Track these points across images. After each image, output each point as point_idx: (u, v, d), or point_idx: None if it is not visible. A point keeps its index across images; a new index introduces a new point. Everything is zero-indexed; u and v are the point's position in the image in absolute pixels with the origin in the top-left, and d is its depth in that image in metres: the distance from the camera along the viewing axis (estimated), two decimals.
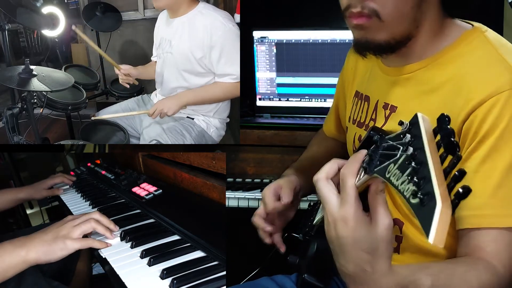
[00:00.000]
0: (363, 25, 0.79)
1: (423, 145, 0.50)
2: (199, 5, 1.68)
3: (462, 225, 0.75)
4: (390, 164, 0.53)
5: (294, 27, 1.73)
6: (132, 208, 1.37)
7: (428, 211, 0.44)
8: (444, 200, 0.44)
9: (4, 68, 1.89)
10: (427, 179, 0.46)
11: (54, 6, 2.12)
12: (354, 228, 0.60)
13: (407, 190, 0.48)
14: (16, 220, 2.14)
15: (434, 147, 0.50)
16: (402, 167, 0.50)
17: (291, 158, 1.56)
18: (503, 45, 0.80)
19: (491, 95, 0.73)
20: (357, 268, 0.61)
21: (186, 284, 0.85)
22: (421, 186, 0.46)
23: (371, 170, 0.57)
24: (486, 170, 0.73)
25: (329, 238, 0.65)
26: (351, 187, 0.61)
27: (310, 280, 0.88)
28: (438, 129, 0.52)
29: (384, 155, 0.55)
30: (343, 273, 0.64)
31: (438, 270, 0.69)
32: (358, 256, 0.61)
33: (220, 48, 1.60)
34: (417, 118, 0.54)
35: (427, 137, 0.51)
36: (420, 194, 0.46)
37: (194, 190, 1.32)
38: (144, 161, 1.68)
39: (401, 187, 0.49)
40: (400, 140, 0.54)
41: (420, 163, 0.48)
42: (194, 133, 1.72)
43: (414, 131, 0.53)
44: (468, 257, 0.73)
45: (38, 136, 1.75)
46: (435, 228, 0.43)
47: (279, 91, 1.80)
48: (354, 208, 0.61)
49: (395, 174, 0.51)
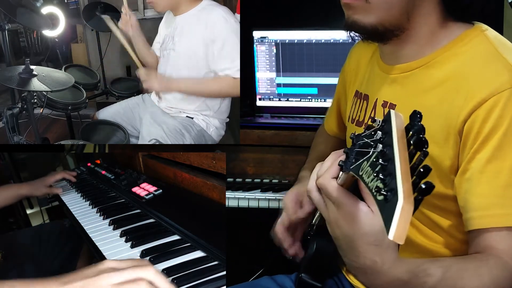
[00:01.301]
0: (350, 4, 0.80)
1: (392, 142, 0.50)
2: (203, 1, 1.68)
3: (471, 226, 0.75)
4: (364, 161, 0.53)
5: (294, 27, 1.73)
6: (132, 208, 1.37)
7: (390, 207, 0.44)
8: (406, 197, 0.44)
9: (4, 68, 1.89)
10: (393, 175, 0.46)
11: (54, 6, 2.13)
12: (358, 223, 0.61)
13: (374, 187, 0.48)
14: (16, 220, 2.15)
15: (403, 144, 0.50)
16: (372, 164, 0.51)
17: (291, 158, 1.56)
18: (503, 44, 0.80)
19: (492, 95, 0.73)
20: (367, 261, 0.62)
21: (186, 284, 0.85)
22: (387, 183, 0.46)
23: (347, 168, 0.57)
24: (492, 170, 0.73)
25: (334, 236, 0.66)
26: (335, 191, 0.62)
27: (307, 279, 0.88)
28: (409, 126, 0.52)
29: (359, 152, 0.56)
30: (353, 267, 0.65)
31: (449, 263, 0.69)
32: (367, 249, 0.61)
33: (221, 41, 1.60)
34: (390, 115, 0.54)
35: (397, 134, 0.51)
36: (384, 191, 0.46)
37: (194, 190, 1.32)
38: (144, 161, 1.68)
39: (370, 184, 0.49)
40: (372, 137, 0.55)
41: (388, 160, 0.48)
42: (193, 132, 1.72)
43: (385, 128, 0.53)
44: (479, 254, 0.73)
45: (38, 136, 1.75)
46: (395, 224, 0.43)
47: (279, 91, 1.80)
48: (350, 206, 0.61)
49: (367, 171, 0.51)
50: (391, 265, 0.62)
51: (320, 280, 0.91)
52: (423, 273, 0.66)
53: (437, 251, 0.85)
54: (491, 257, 0.71)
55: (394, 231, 0.43)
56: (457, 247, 0.83)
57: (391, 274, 0.63)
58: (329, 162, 0.65)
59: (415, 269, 0.65)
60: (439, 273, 0.67)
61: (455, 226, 0.82)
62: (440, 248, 0.85)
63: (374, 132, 0.55)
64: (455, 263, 0.70)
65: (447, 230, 0.83)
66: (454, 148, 0.77)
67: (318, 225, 0.98)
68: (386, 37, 0.83)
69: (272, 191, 1.50)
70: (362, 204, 0.61)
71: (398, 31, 0.82)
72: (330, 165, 0.65)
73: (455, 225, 0.82)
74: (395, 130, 0.51)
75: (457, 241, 0.83)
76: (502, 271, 0.70)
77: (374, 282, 0.64)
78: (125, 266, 0.66)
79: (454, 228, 0.82)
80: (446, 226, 0.83)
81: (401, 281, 0.64)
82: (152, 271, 0.66)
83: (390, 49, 0.88)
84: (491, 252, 0.72)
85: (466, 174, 0.75)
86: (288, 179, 1.55)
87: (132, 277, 0.64)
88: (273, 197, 1.46)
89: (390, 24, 0.80)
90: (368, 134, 0.57)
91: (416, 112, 0.52)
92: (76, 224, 1.33)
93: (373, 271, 0.62)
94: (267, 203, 1.47)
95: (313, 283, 0.88)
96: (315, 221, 0.98)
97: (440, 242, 0.85)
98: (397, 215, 0.43)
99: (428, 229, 0.85)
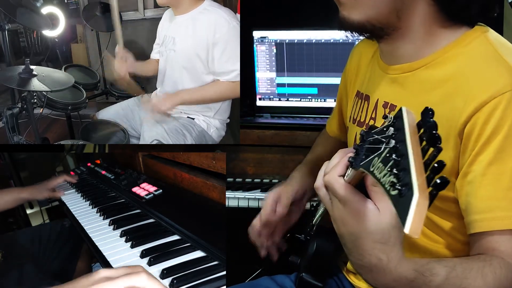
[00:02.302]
0: (339, 0, 0.82)
1: (405, 137, 0.50)
2: (205, 2, 1.68)
3: (473, 229, 0.75)
4: (375, 157, 0.53)
5: (294, 27, 1.73)
6: (132, 208, 1.37)
7: (405, 202, 0.44)
8: (421, 191, 0.44)
9: (4, 68, 1.89)
10: (407, 170, 0.46)
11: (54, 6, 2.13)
12: (364, 221, 0.61)
13: (387, 183, 0.48)
14: (16, 220, 2.14)
15: (416, 140, 0.50)
16: (385, 160, 0.50)
17: (291, 158, 1.56)
18: (503, 46, 0.80)
19: (493, 97, 0.73)
20: (372, 259, 0.62)
21: (186, 284, 0.85)
22: (401, 178, 0.46)
23: (357, 165, 0.57)
24: (494, 172, 0.73)
25: (339, 234, 0.65)
26: (342, 189, 0.62)
27: (308, 279, 0.88)
28: (421, 123, 0.52)
29: (370, 149, 0.56)
30: (358, 265, 0.65)
31: (454, 263, 0.69)
32: (373, 247, 0.61)
33: (223, 45, 1.60)
34: (401, 112, 0.54)
35: (409, 130, 0.51)
36: (399, 186, 0.46)
37: (194, 190, 1.32)
38: (144, 161, 1.68)
39: (382, 179, 0.49)
40: (384, 133, 0.55)
41: (401, 155, 0.48)
42: (194, 133, 1.72)
43: (397, 124, 0.53)
44: (483, 255, 0.73)
45: (38, 136, 1.75)
46: (411, 218, 0.43)
47: (279, 91, 1.80)
48: (357, 204, 0.61)
49: (379, 167, 0.51)
50: (397, 264, 0.62)
51: (321, 279, 0.91)
52: (428, 272, 0.65)
53: (438, 251, 0.85)
54: (494, 258, 0.71)
55: (410, 225, 0.43)
56: (458, 248, 0.83)
57: (396, 272, 0.62)
58: (336, 159, 0.65)
59: (421, 268, 0.65)
60: (444, 272, 0.66)
61: (455, 228, 0.82)
62: (441, 249, 0.85)
63: (386, 128, 0.55)
64: (459, 263, 0.70)
65: (448, 231, 0.83)
66: (455, 150, 0.77)
67: (318, 225, 0.98)
68: (377, 34, 0.83)
69: None
70: (368, 202, 0.61)
71: (389, 29, 0.82)
72: (337, 162, 0.64)
73: (455, 227, 0.82)
74: (407, 126, 0.51)
75: (458, 242, 0.83)
76: (506, 272, 0.70)
77: (379, 281, 0.64)
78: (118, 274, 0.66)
79: (455, 230, 0.82)
80: (447, 227, 0.83)
81: (406, 280, 0.64)
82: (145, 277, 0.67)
83: (387, 48, 0.88)
84: (494, 253, 0.72)
85: (468, 177, 0.75)
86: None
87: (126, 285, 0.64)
88: None
89: (378, 21, 0.81)
90: (378, 130, 0.56)
91: (428, 108, 0.52)
92: (76, 224, 1.33)
93: (379, 269, 0.62)
94: None
95: (314, 283, 0.88)
96: (315, 221, 0.99)
97: (441, 243, 0.85)
98: (412, 209, 0.43)
99: (429, 230, 0.85)
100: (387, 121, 0.56)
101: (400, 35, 0.83)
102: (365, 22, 0.81)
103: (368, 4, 0.79)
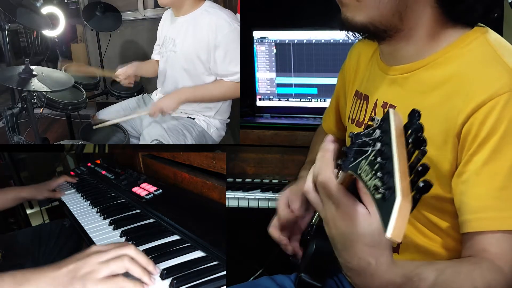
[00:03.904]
0: (342, 1, 0.82)
1: (391, 140, 0.49)
2: (205, 3, 1.67)
3: (466, 228, 0.75)
4: (362, 160, 0.52)
5: (294, 27, 1.73)
6: (132, 208, 1.37)
7: (388, 206, 0.44)
8: (404, 195, 0.43)
9: (4, 68, 1.89)
10: (390, 174, 0.46)
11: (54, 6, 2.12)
12: (355, 224, 0.60)
13: (372, 186, 0.47)
14: (16, 220, 2.14)
15: (402, 142, 0.50)
16: (371, 163, 0.50)
17: (291, 158, 1.57)
18: (503, 47, 0.80)
19: (491, 98, 0.73)
20: (361, 262, 0.61)
21: (186, 284, 0.85)
22: (385, 181, 0.46)
23: (346, 167, 0.56)
24: (488, 172, 0.73)
25: (330, 236, 0.65)
26: (336, 190, 0.61)
27: (307, 279, 0.88)
28: (408, 125, 0.52)
29: (358, 151, 0.55)
30: (347, 268, 0.64)
31: (443, 266, 0.69)
32: (362, 250, 0.61)
33: (225, 47, 1.60)
34: (388, 114, 0.54)
35: (396, 133, 0.50)
36: (382, 189, 0.46)
37: (194, 190, 1.31)
38: (144, 161, 1.68)
39: (368, 183, 0.49)
40: (371, 136, 0.54)
41: (386, 158, 0.48)
42: (195, 133, 1.72)
43: (384, 126, 0.53)
44: (473, 257, 0.73)
45: (38, 136, 1.75)
46: (393, 222, 0.43)
47: (279, 91, 1.80)
48: (349, 207, 0.61)
49: (365, 170, 0.50)
50: (386, 268, 0.62)
51: (320, 280, 0.90)
52: (417, 277, 0.65)
53: (436, 250, 0.85)
54: (484, 260, 0.71)
55: (392, 229, 0.43)
56: (455, 247, 0.83)
57: (385, 277, 0.62)
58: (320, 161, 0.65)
59: (409, 273, 0.65)
60: (433, 276, 0.66)
61: (453, 227, 0.82)
62: (439, 247, 0.85)
63: (373, 130, 0.55)
64: (449, 267, 0.70)
65: (446, 230, 0.83)
66: (453, 152, 0.77)
67: (318, 225, 0.98)
68: (379, 36, 0.83)
69: (272, 191, 1.50)
70: (360, 206, 0.60)
71: (391, 31, 0.82)
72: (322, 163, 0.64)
73: (453, 226, 0.82)
74: (393, 129, 0.51)
75: (456, 241, 0.83)
76: (495, 275, 0.70)
77: (368, 285, 0.63)
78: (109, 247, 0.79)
79: (452, 229, 0.82)
80: (444, 227, 0.83)
81: (394, 285, 0.63)
82: (133, 249, 0.80)
83: (388, 49, 0.88)
84: (485, 255, 0.72)
85: (463, 176, 0.75)
86: (288, 179, 1.55)
87: (117, 254, 0.77)
88: (273, 197, 1.46)
89: (381, 23, 0.81)
90: (367, 133, 0.56)
91: (415, 110, 0.52)
92: (76, 224, 1.33)
93: (367, 273, 0.62)
94: (267, 203, 1.47)
95: (313, 283, 0.88)
96: (314, 221, 0.99)
97: (439, 242, 0.85)
98: (395, 213, 0.43)
99: (427, 230, 0.85)
100: (374, 123, 0.56)
101: (402, 37, 0.83)
102: (368, 24, 0.81)
103: (371, 6, 0.79)
